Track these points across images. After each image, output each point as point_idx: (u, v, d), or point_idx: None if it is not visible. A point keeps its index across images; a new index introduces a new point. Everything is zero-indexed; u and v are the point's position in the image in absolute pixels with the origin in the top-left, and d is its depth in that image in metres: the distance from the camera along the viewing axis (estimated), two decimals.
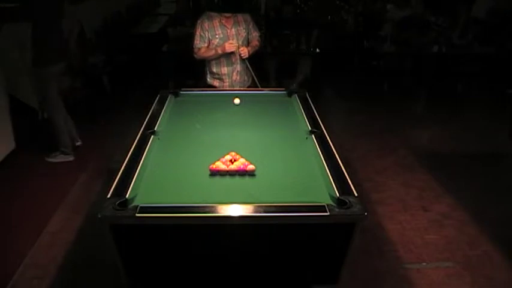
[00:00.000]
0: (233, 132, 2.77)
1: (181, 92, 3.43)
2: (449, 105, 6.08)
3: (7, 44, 4.41)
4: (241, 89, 3.68)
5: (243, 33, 3.67)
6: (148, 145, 2.43)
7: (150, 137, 2.54)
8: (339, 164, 2.21)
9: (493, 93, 5.90)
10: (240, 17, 3.67)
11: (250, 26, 3.74)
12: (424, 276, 2.81)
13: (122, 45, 6.68)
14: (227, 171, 2.17)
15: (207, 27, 3.57)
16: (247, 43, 3.74)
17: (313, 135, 2.56)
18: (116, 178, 2.05)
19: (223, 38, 3.58)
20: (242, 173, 2.16)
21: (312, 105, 3.13)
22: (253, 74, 3.75)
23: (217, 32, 3.58)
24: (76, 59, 5.46)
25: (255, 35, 3.80)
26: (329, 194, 1.96)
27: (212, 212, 1.81)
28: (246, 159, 2.22)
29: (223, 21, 3.57)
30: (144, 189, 2.01)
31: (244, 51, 3.58)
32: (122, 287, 1.96)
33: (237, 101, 3.13)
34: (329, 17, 7.49)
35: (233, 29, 3.61)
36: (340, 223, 1.81)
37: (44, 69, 3.94)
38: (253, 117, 3.02)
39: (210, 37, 3.58)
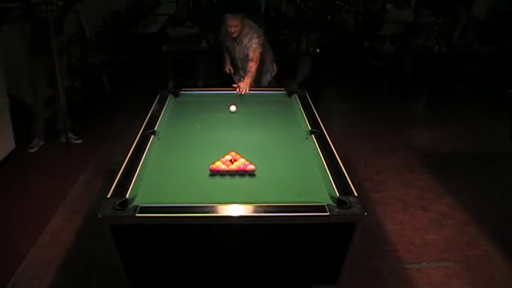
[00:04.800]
0: (233, 132, 2.77)
1: (181, 92, 3.43)
2: (449, 105, 6.07)
3: (7, 44, 4.41)
4: None
5: (246, 51, 3.68)
6: (148, 145, 2.43)
7: (150, 137, 2.54)
8: (339, 164, 2.21)
9: (493, 93, 5.88)
10: (246, 33, 3.63)
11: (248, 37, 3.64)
12: (424, 276, 2.80)
13: (122, 45, 6.68)
14: (227, 171, 2.17)
15: (223, 36, 3.93)
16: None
17: (313, 135, 2.56)
18: (116, 178, 2.05)
19: (231, 49, 3.89)
20: (242, 173, 2.16)
21: (312, 105, 3.13)
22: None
23: (228, 42, 3.88)
24: (76, 59, 5.49)
25: (249, 44, 3.60)
26: (329, 194, 1.96)
27: (212, 212, 1.81)
28: (246, 159, 2.22)
29: (230, 33, 3.68)
30: (144, 189, 2.01)
31: (242, 88, 3.34)
32: (122, 287, 1.96)
33: (233, 108, 3.11)
34: (329, 17, 7.50)
35: (237, 47, 3.77)
36: (340, 223, 1.81)
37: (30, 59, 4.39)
38: (253, 117, 3.02)
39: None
